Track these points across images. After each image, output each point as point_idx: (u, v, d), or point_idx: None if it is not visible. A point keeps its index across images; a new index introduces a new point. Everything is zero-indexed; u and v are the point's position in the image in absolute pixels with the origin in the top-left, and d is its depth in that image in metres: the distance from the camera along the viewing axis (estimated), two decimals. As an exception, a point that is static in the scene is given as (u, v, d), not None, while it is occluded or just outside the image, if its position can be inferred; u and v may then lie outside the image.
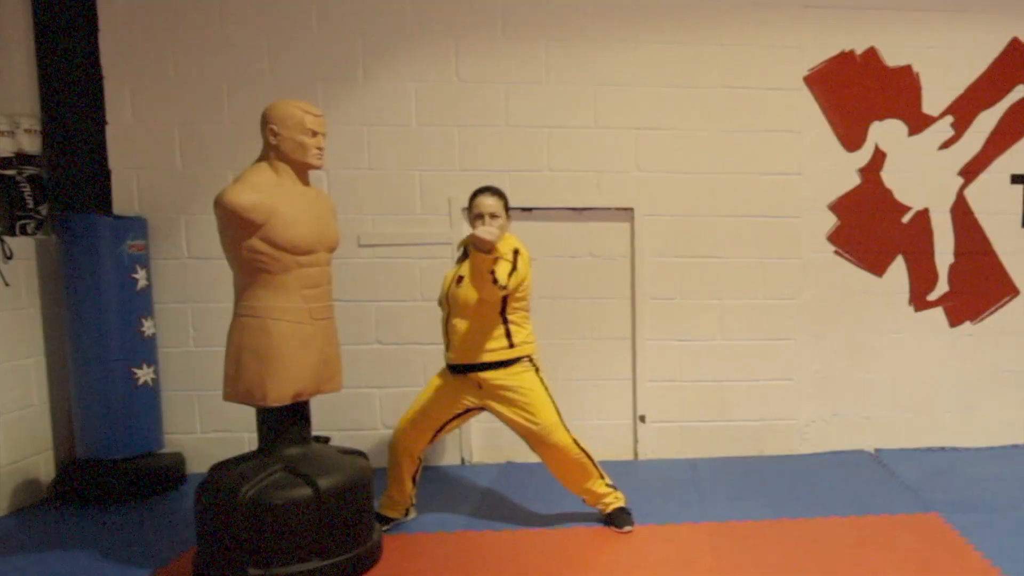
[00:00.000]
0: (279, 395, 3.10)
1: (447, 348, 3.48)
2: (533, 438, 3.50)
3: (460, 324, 3.40)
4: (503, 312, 3.42)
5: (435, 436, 3.59)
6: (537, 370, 3.52)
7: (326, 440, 3.58)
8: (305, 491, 3.09)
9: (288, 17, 4.32)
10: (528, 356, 3.49)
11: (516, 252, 3.37)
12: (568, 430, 3.51)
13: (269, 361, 3.06)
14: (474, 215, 3.43)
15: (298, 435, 3.26)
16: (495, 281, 3.19)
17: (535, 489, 4.14)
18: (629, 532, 3.59)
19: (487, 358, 3.41)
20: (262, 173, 3.11)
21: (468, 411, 3.56)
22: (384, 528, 3.57)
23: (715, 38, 4.52)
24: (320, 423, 3.86)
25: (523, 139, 4.46)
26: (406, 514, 3.72)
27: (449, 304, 3.46)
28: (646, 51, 4.48)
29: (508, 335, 3.45)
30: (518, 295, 3.42)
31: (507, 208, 3.50)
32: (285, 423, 3.22)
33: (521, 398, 3.45)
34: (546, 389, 3.51)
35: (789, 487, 4.24)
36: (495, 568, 3.36)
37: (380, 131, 4.41)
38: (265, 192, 3.02)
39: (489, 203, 3.42)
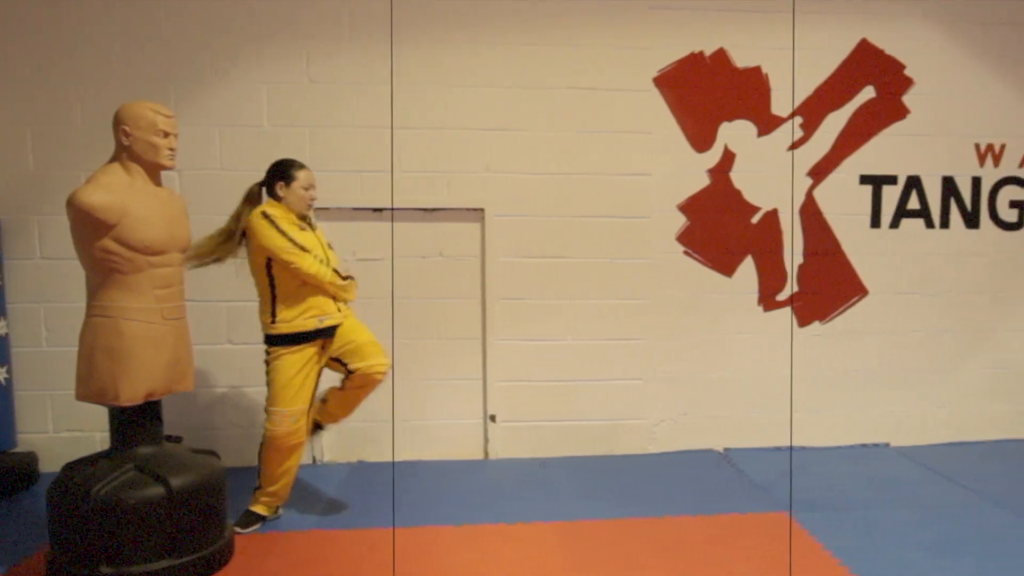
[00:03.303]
0: (131, 394, 4.28)
1: (330, 311, 4.97)
2: (369, 381, 5.06)
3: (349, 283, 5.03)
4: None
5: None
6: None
7: (178, 440, 4.91)
8: (157, 490, 4.26)
9: (140, 18, 6.13)
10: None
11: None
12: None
13: (121, 361, 4.24)
14: (303, 185, 4.98)
15: (150, 434, 4.48)
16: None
17: (386, 488, 5.83)
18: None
19: (263, 330, 5.01)
20: (114, 174, 4.31)
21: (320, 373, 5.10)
22: (255, 527, 5.07)
23: (563, 39, 6.44)
24: (172, 423, 5.61)
25: (373, 140, 6.35)
26: (276, 512, 5.22)
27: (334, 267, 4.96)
28: (494, 52, 6.39)
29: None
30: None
31: None
32: (137, 422, 4.43)
33: (268, 376, 5.01)
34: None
35: (639, 486, 5.95)
36: (347, 567, 4.62)
37: (231, 132, 6.26)
38: (117, 192, 4.20)
39: (313, 177, 5.05)
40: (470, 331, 6.55)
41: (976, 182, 6.90)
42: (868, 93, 6.75)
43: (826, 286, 6.82)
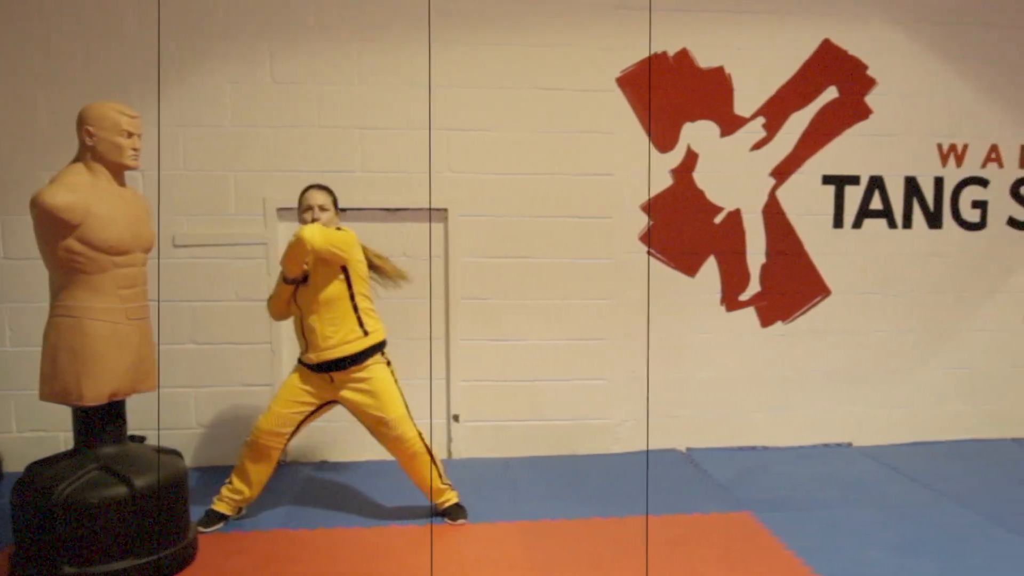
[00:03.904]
0: (95, 394, 4.52)
1: (305, 350, 5.32)
2: (383, 429, 5.39)
3: (315, 322, 5.22)
4: (352, 299, 5.28)
5: (294, 434, 5.49)
6: (388, 363, 5.47)
7: (141, 439, 5.15)
8: (121, 490, 4.50)
9: (103, 18, 6.51)
10: (380, 346, 5.41)
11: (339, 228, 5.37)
12: (414, 424, 5.46)
13: (85, 360, 4.48)
14: (303, 208, 5.33)
15: (114, 434, 4.74)
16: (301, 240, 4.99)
17: (350, 488, 6.26)
18: (462, 524, 5.57)
19: (345, 351, 5.25)
20: (78, 174, 4.55)
21: (325, 404, 5.46)
22: (217, 526, 5.40)
23: (527, 39, 6.87)
24: (135, 422, 5.84)
25: (337, 140, 6.76)
26: (239, 512, 5.54)
27: (300, 306, 5.30)
28: (459, 53, 6.81)
29: (361, 323, 5.31)
30: (360, 274, 5.31)
31: (336, 204, 5.60)
32: (101, 422, 4.69)
33: (372, 388, 5.34)
34: (395, 382, 5.43)
35: (602, 486, 6.36)
36: (310, 566, 4.92)
37: (194, 132, 6.65)
38: (81, 193, 4.43)
39: (318, 197, 5.33)
40: (434, 331, 6.94)
41: (939, 182, 7.38)
42: (831, 93, 7.20)
43: (789, 286, 7.28)
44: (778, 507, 5.98)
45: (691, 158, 7.10)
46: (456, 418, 7.04)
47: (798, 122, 7.20)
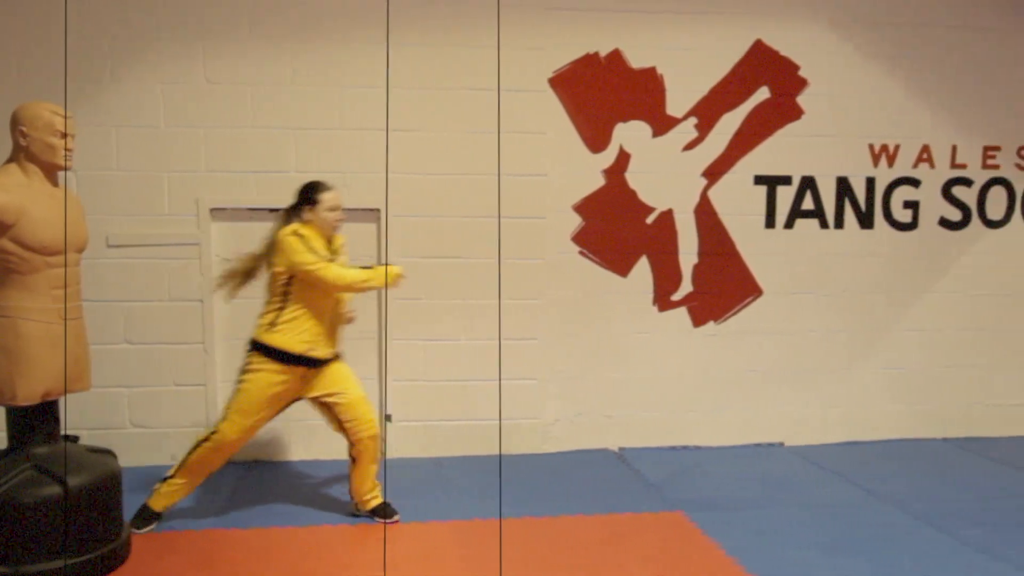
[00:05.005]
0: (28, 394, 4.89)
1: (319, 345, 6.05)
2: (347, 413, 6.17)
3: (336, 318, 6.19)
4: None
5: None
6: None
7: (75, 439, 5.57)
8: (54, 489, 4.87)
9: (37, 18, 7.21)
10: None
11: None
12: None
13: (18, 360, 4.85)
14: (330, 207, 6.11)
15: (47, 434, 5.12)
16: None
17: (282, 488, 6.95)
18: (395, 522, 6.25)
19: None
20: (11, 174, 4.93)
21: (288, 404, 6.22)
22: (152, 526, 5.95)
23: (460, 40, 7.67)
24: (69, 422, 6.47)
25: (271, 140, 7.55)
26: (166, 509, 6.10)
27: (334, 300, 6.13)
28: (392, 54, 7.59)
29: None
30: None
31: None
32: (34, 422, 5.05)
33: (335, 373, 6.20)
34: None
35: (534, 486, 7.05)
36: (243, 566, 5.36)
37: (128, 132, 7.39)
38: (15, 193, 4.79)
39: (340, 198, 6.17)
40: (367, 331, 7.76)
41: (870, 182, 8.28)
42: (763, 94, 8.08)
43: (721, 286, 8.16)
44: (710, 507, 6.63)
45: (623, 158, 7.94)
46: (389, 418, 7.83)
47: (730, 122, 8.06)
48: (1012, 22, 8.29)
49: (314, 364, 6.10)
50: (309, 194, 6.19)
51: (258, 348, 6.01)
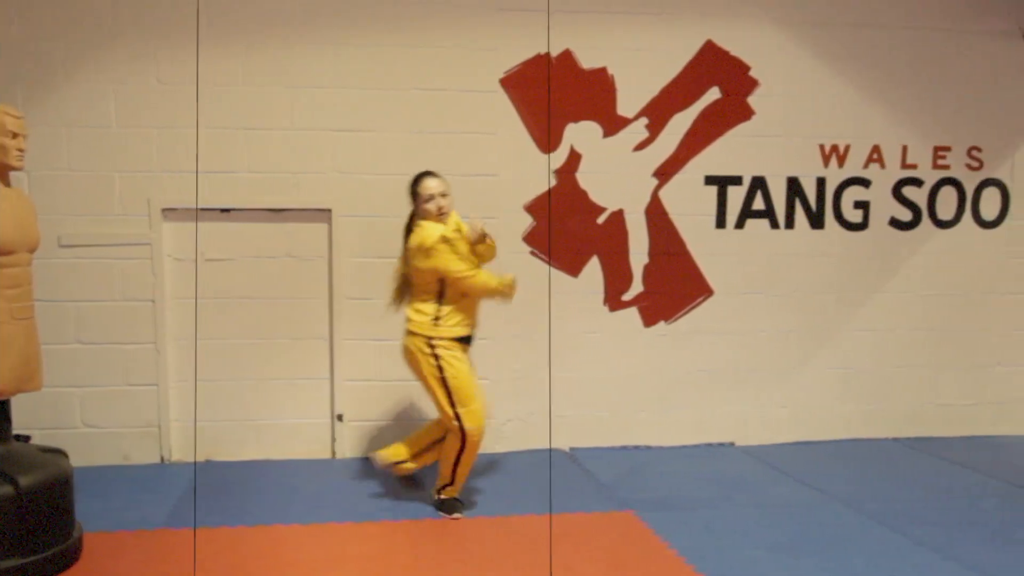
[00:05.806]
0: None
1: (470, 326, 6.94)
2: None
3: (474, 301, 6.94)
4: None
5: None
6: None
7: (26, 439, 5.92)
8: (6, 489, 5.11)
9: None
10: None
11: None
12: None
13: None
14: (424, 198, 6.80)
15: None
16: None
17: (234, 487, 7.43)
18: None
19: None
20: None
21: None
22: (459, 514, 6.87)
23: (411, 40, 8.28)
24: (20, 421, 6.79)
25: (222, 140, 8.14)
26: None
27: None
28: (342, 54, 8.21)
29: None
30: None
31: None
32: None
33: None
34: None
35: (486, 485, 7.53)
36: (194, 566, 5.60)
37: (80, 132, 7.95)
38: None
39: (438, 185, 6.82)
40: (318, 331, 8.40)
41: (821, 183, 8.96)
42: (714, 94, 8.75)
43: (672, 286, 8.83)
44: (661, 507, 7.09)
45: (574, 159, 8.60)
46: (340, 418, 8.46)
47: (681, 123, 8.73)
48: (962, 23, 8.98)
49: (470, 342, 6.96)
50: (412, 188, 6.98)
51: (433, 342, 6.78)
